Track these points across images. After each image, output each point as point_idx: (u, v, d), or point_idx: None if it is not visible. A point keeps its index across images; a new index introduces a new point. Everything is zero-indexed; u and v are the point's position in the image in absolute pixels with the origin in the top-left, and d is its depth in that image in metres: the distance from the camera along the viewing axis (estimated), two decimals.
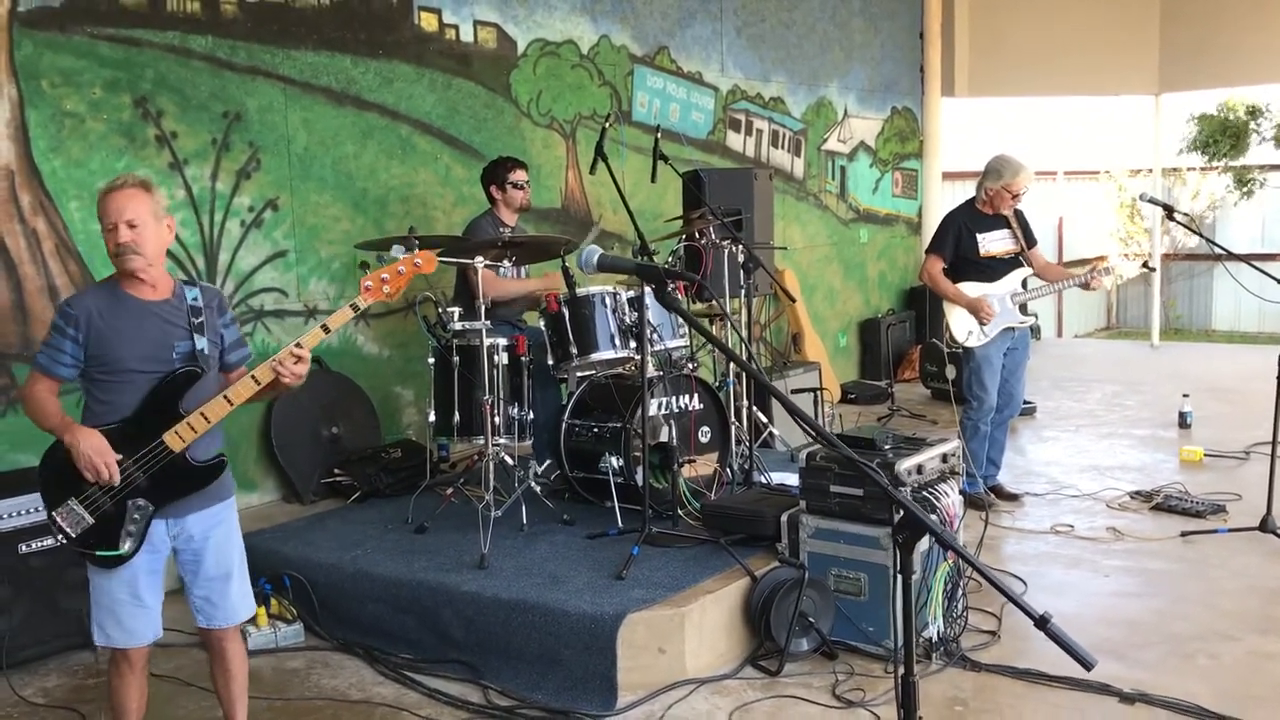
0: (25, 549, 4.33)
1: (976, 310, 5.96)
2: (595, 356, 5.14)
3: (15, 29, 4.73)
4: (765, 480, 5.45)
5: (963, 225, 6.07)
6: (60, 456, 3.13)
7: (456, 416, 5.14)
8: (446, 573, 4.52)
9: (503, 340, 5.14)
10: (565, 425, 5.29)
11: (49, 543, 4.37)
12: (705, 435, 5.34)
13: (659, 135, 5.81)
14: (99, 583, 3.21)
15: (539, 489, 5.19)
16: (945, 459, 4.52)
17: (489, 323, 5.01)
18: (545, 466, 5.44)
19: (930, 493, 4.30)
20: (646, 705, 3.95)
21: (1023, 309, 6.06)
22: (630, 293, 5.18)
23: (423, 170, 6.41)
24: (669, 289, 2.46)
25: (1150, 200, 5.93)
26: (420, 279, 3.68)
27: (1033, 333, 6.42)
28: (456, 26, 6.56)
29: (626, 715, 3.91)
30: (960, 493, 4.54)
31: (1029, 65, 11.14)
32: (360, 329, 6.17)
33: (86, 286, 3.41)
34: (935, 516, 4.27)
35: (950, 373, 7.89)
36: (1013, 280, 6.07)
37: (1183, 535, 5.56)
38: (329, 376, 5.93)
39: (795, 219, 9.42)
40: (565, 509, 5.15)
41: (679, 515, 4.92)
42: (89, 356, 3.15)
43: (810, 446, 5.23)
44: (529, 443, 5.39)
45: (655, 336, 5.08)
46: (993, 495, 6.17)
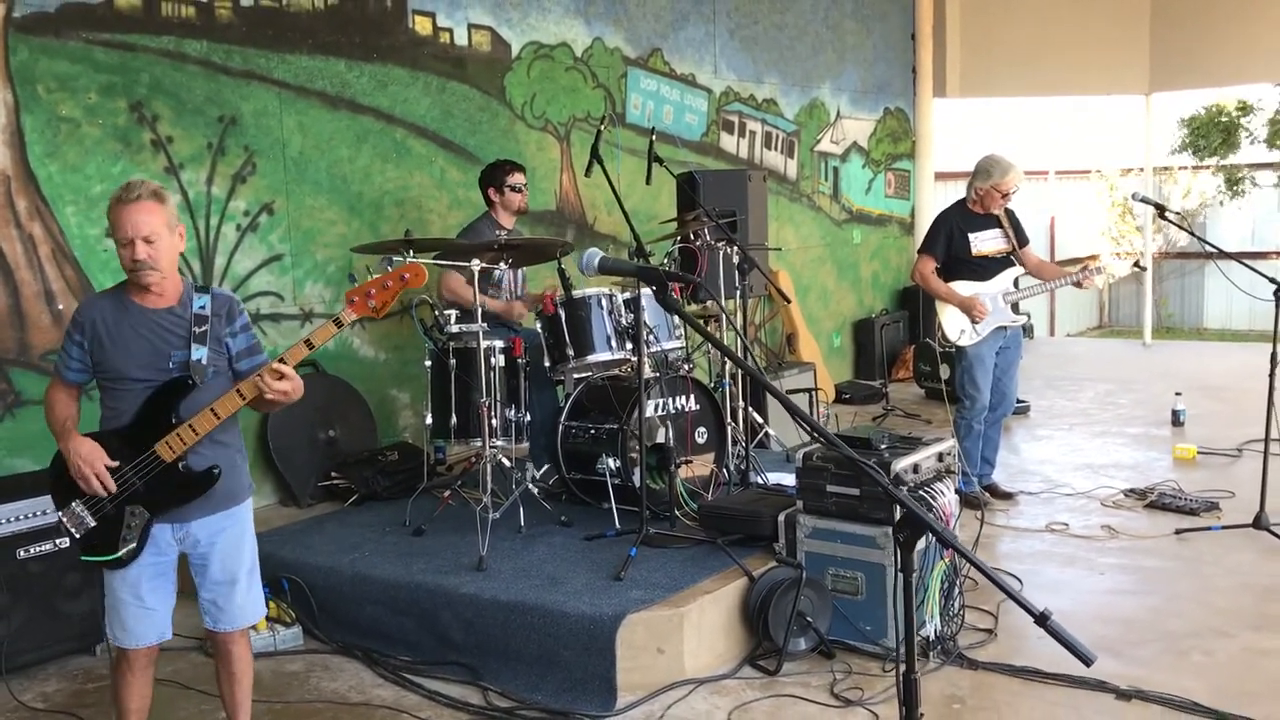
0: (24, 554, 4.33)
1: (968, 309, 5.98)
2: (592, 358, 5.16)
3: (10, 34, 4.74)
4: (761, 480, 5.47)
5: (955, 225, 6.09)
6: (69, 475, 3.18)
7: (453, 419, 5.16)
8: (445, 575, 4.53)
9: (499, 342, 5.15)
10: (562, 427, 5.30)
11: (47, 548, 4.38)
12: (702, 436, 5.36)
13: (654, 137, 5.82)
14: (107, 582, 3.27)
15: (536, 491, 5.20)
16: (941, 458, 4.54)
17: (485, 325, 5.03)
18: (544, 471, 5.45)
19: (927, 492, 4.32)
20: (646, 705, 3.96)
21: (1015, 308, 6.08)
22: (626, 294, 5.20)
23: (418, 173, 6.42)
24: (670, 291, 2.47)
25: (1143, 199, 5.96)
26: None
27: (1025, 332, 6.45)
28: (451, 30, 6.57)
29: (626, 716, 3.92)
30: (956, 492, 4.56)
31: (1020, 65, 11.18)
32: (356, 332, 6.18)
33: (96, 293, 3.41)
34: (932, 515, 4.29)
35: (944, 372, 7.93)
36: (1004, 279, 6.09)
37: (1177, 533, 5.59)
38: (325, 380, 5.94)
39: (789, 220, 9.44)
40: (563, 511, 5.16)
41: (676, 516, 4.94)
42: (94, 363, 3.18)
43: (806, 446, 5.25)
44: (526, 445, 5.40)
45: (651, 338, 5.10)
46: (988, 494, 6.19)
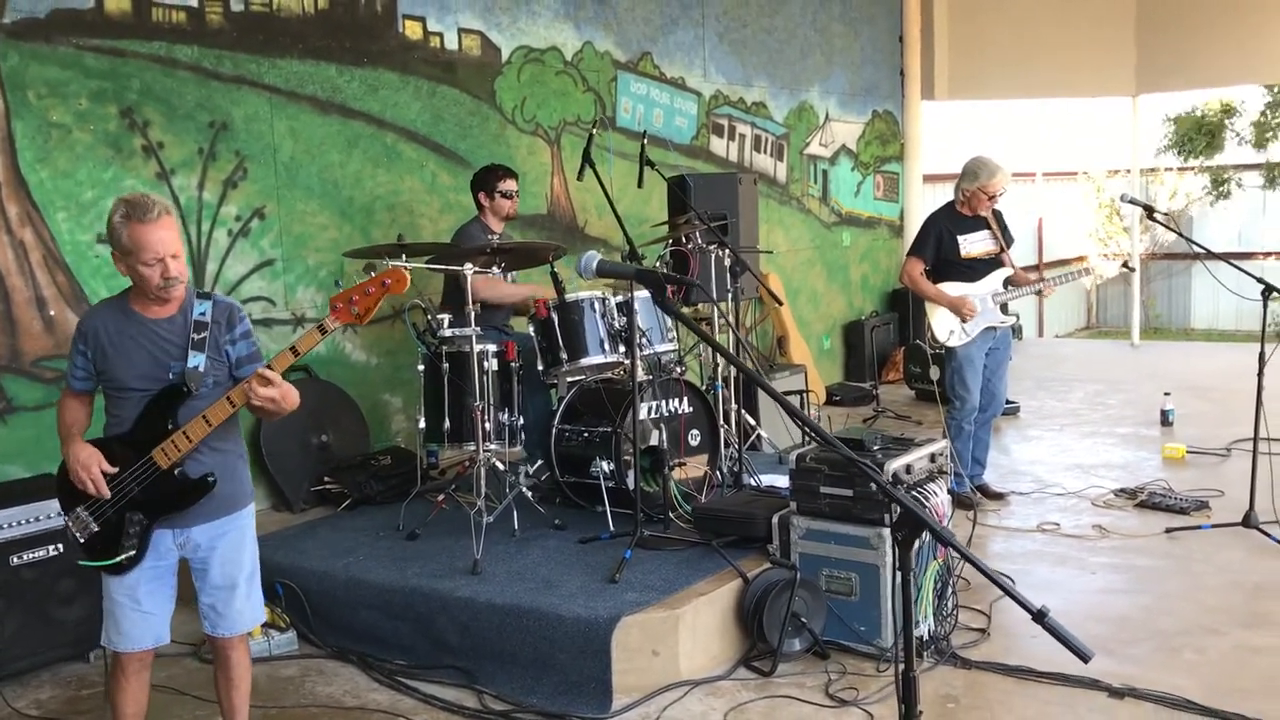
0: (17, 561, 4.31)
1: (958, 310, 6.01)
2: (585, 361, 5.16)
3: (1, 40, 4.73)
4: (755, 482, 5.48)
5: (944, 228, 6.12)
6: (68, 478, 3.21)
7: (447, 423, 5.14)
8: (440, 579, 4.53)
9: (492, 346, 5.15)
10: (555, 430, 5.30)
11: (40, 554, 4.37)
12: (695, 438, 5.37)
13: (645, 141, 5.83)
14: (105, 586, 3.28)
15: (530, 494, 5.20)
16: (933, 459, 4.56)
17: (479, 329, 5.03)
18: (536, 467, 5.45)
19: (920, 492, 4.34)
20: (642, 707, 3.97)
21: (1004, 308, 6.11)
22: (619, 297, 5.21)
23: (408, 178, 6.42)
24: (667, 294, 2.48)
25: (1131, 201, 5.99)
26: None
27: (1014, 333, 6.48)
28: (441, 34, 6.57)
29: (622, 718, 3.93)
30: (949, 492, 4.58)
31: (1008, 68, 11.23)
32: (348, 336, 6.18)
33: (99, 302, 3.42)
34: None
35: (934, 373, 7.96)
36: (993, 280, 6.12)
37: (1167, 532, 5.62)
38: (317, 384, 5.93)
39: (779, 223, 9.47)
40: (557, 514, 5.17)
41: (670, 518, 4.95)
42: (98, 371, 3.21)
43: (798, 448, 5.26)
44: (519, 448, 5.40)
45: (644, 341, 5.11)
46: (979, 494, 6.22)
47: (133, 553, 3.18)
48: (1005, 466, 7.03)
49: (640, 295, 5.04)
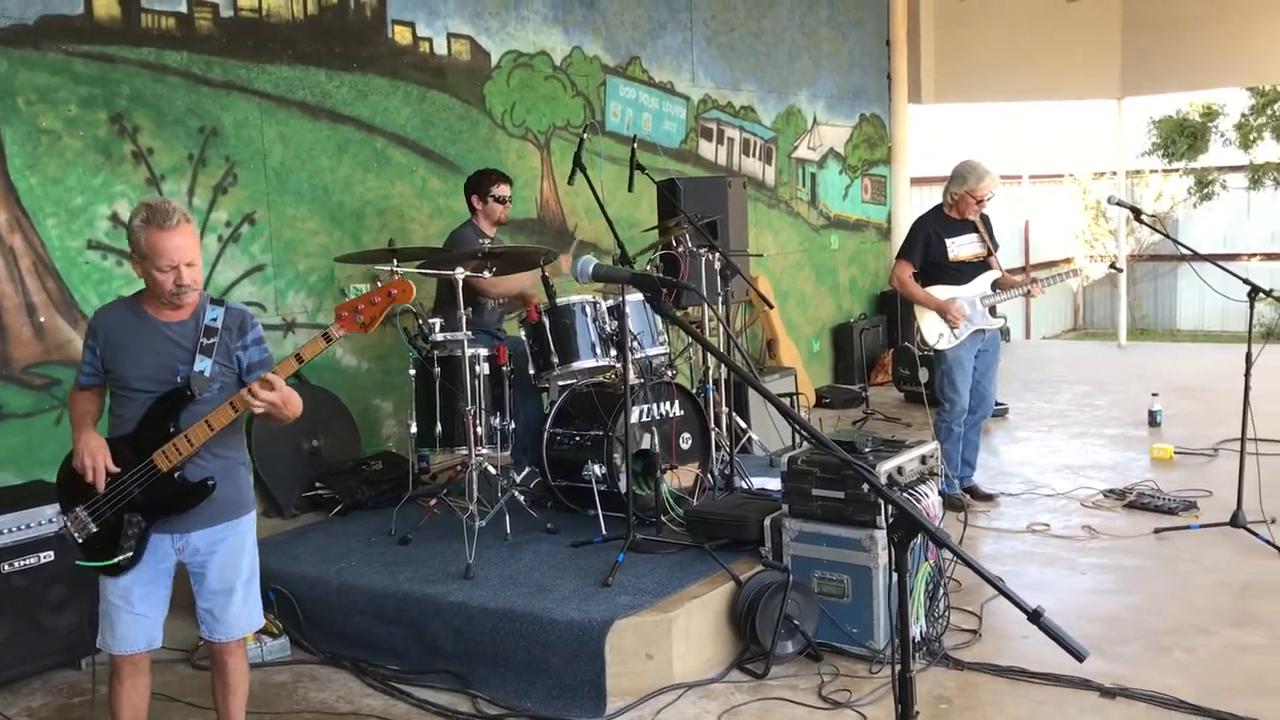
0: (8, 568, 4.30)
1: (946, 313, 6.04)
2: (577, 365, 5.18)
3: None
4: (746, 485, 5.49)
5: (932, 231, 6.14)
6: (72, 465, 3.21)
7: (438, 427, 5.15)
8: (432, 584, 4.53)
9: (484, 350, 5.15)
10: (547, 434, 5.31)
11: (31, 562, 4.35)
12: (686, 442, 5.38)
13: (635, 145, 5.85)
14: (101, 587, 3.28)
15: (522, 498, 5.21)
16: (924, 460, 4.58)
17: (470, 333, 5.04)
18: (525, 474, 5.46)
19: (911, 494, 4.36)
20: (635, 711, 3.98)
21: (992, 311, 6.14)
22: (610, 301, 5.22)
23: (399, 183, 6.42)
24: (663, 297, 2.49)
25: (1118, 203, 6.03)
26: None
27: (1002, 334, 6.52)
28: (430, 39, 6.58)
29: None
30: (939, 494, 4.60)
31: (994, 71, 11.28)
32: (339, 342, 6.15)
33: (113, 301, 3.45)
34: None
35: (923, 376, 7.98)
36: (981, 283, 6.14)
37: (1156, 532, 5.65)
38: (308, 390, 5.91)
39: (767, 226, 9.49)
40: (549, 518, 5.17)
41: (662, 522, 4.96)
42: (105, 369, 3.24)
43: (789, 451, 5.28)
44: (509, 453, 5.40)
45: (635, 344, 5.12)
46: (969, 496, 6.24)
47: (130, 554, 3.19)
48: (994, 468, 7.06)
49: (631, 299, 5.05)
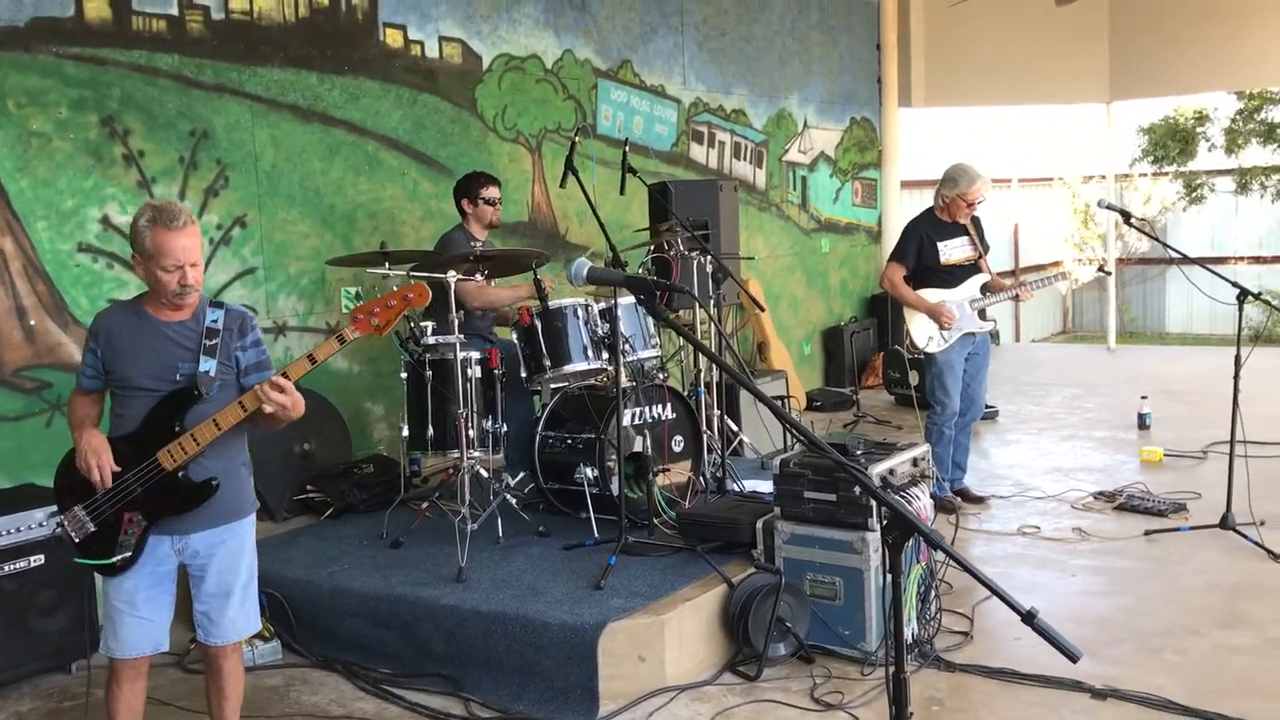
0: None
1: (937, 316, 6.06)
2: (569, 368, 5.18)
3: None
4: (738, 488, 5.50)
5: (924, 234, 6.16)
6: (72, 464, 3.22)
7: (430, 430, 5.15)
8: (425, 587, 4.52)
9: (476, 353, 5.15)
10: (539, 437, 5.31)
11: (21, 565, 4.34)
12: (678, 444, 5.38)
13: (627, 148, 5.86)
14: (105, 591, 3.30)
15: (514, 501, 5.21)
16: (915, 463, 4.59)
17: (462, 336, 5.03)
18: (519, 480, 5.45)
19: (903, 496, 4.37)
20: (628, 713, 3.98)
21: (982, 314, 6.16)
22: (602, 304, 5.22)
23: (390, 186, 6.42)
24: (658, 300, 2.50)
25: (1108, 206, 6.05)
26: None
27: (992, 338, 6.54)
28: (422, 42, 6.58)
29: None
30: (931, 496, 4.62)
31: (984, 75, 11.32)
32: None
33: (114, 303, 3.46)
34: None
35: (913, 378, 8.00)
36: (972, 286, 6.16)
37: (1146, 534, 5.67)
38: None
39: (758, 229, 9.51)
40: (541, 521, 5.17)
41: (654, 524, 4.96)
42: (106, 370, 3.25)
43: (780, 453, 5.29)
44: (501, 457, 5.40)
45: (628, 347, 5.12)
46: (959, 499, 6.25)
47: (128, 554, 3.19)
48: (985, 470, 7.08)
49: (623, 302, 5.06)
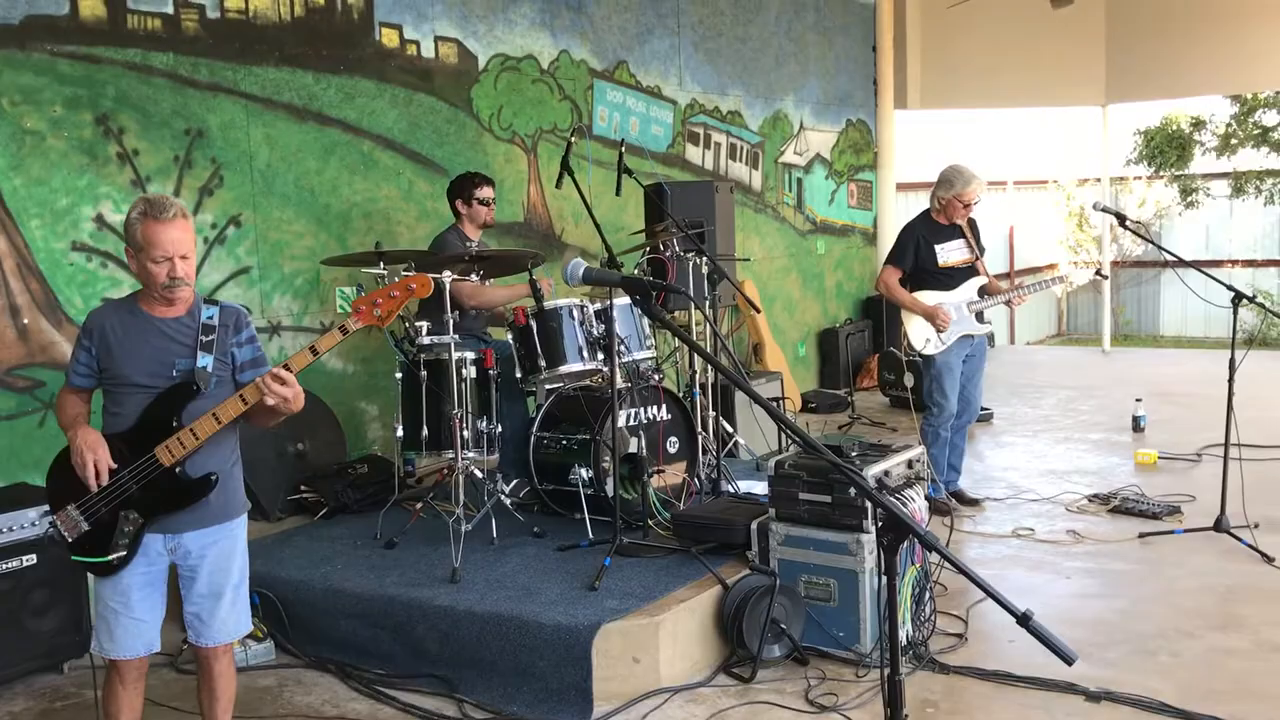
0: None
1: (934, 318, 6.06)
2: (564, 369, 5.17)
3: None
4: (733, 489, 5.50)
5: (921, 237, 6.16)
6: (65, 463, 3.19)
7: (424, 431, 5.14)
8: (419, 587, 4.51)
9: (470, 354, 5.15)
10: (534, 438, 5.30)
11: (14, 565, 4.32)
12: (673, 446, 5.38)
13: (623, 149, 5.85)
14: (97, 591, 3.26)
15: (509, 502, 5.20)
16: (910, 465, 4.59)
17: (457, 336, 5.02)
18: (514, 485, 5.44)
19: (899, 498, 4.37)
20: (622, 715, 3.97)
21: (979, 317, 6.16)
22: (597, 305, 5.22)
23: (385, 185, 6.41)
24: (654, 300, 2.49)
25: (1103, 209, 6.06)
26: None
27: (988, 340, 6.54)
28: (417, 42, 6.57)
29: None
30: (926, 498, 4.61)
31: (979, 78, 11.33)
32: None
33: (107, 301, 3.45)
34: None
35: (908, 380, 8.01)
36: (969, 289, 6.17)
37: (1140, 537, 5.67)
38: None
39: (754, 230, 9.51)
40: (535, 522, 5.17)
41: (649, 526, 4.95)
42: (100, 368, 3.23)
43: (775, 455, 5.28)
44: (496, 457, 5.39)
45: (623, 348, 5.12)
46: (954, 500, 6.25)
47: (124, 553, 3.17)
48: (979, 473, 7.08)
49: (619, 302, 5.05)
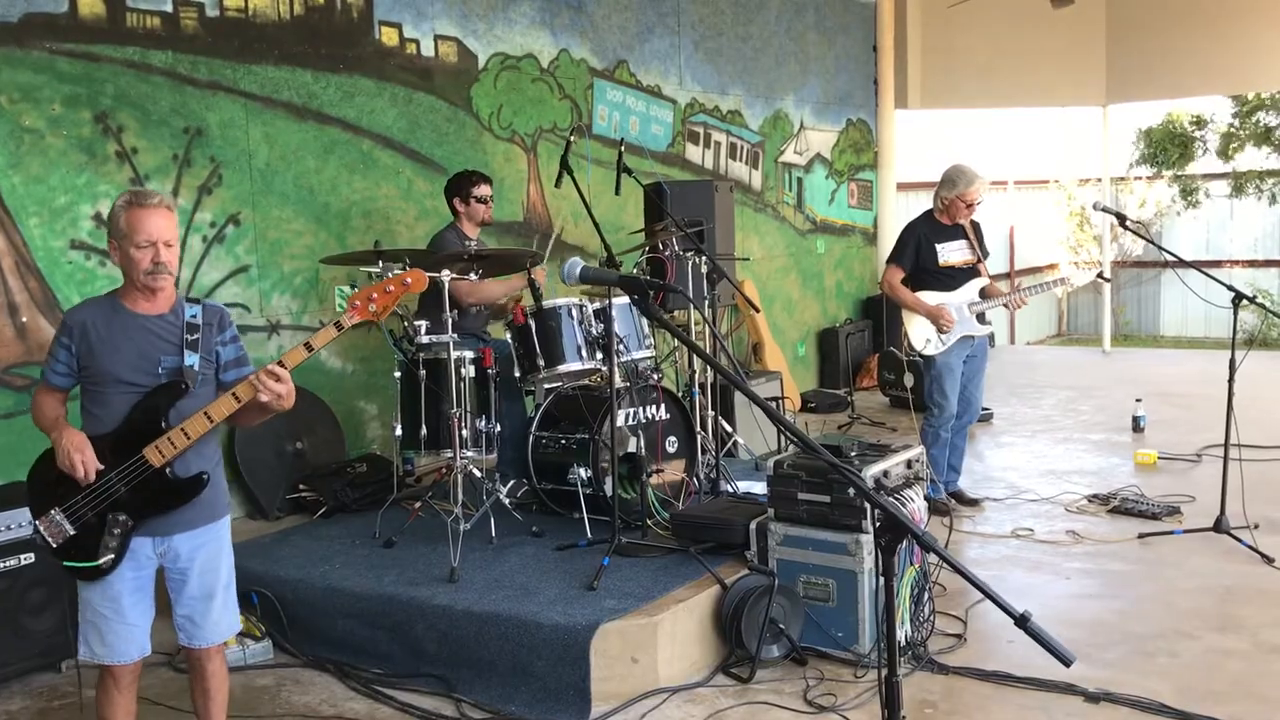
0: None
1: (935, 318, 6.05)
2: (562, 368, 5.17)
3: None
4: (731, 489, 5.49)
5: (923, 236, 6.15)
6: (48, 465, 3.15)
7: (423, 430, 5.13)
8: (417, 587, 4.51)
9: (469, 353, 5.14)
10: (532, 437, 5.30)
11: (11, 564, 4.31)
12: (672, 445, 5.37)
13: (622, 148, 5.84)
14: (85, 596, 3.21)
15: (507, 502, 5.19)
16: (910, 465, 4.58)
17: (455, 335, 5.02)
18: (510, 486, 5.43)
19: (898, 498, 4.36)
20: (620, 715, 3.96)
21: (980, 318, 6.15)
22: (596, 304, 5.21)
23: (384, 184, 6.40)
24: (652, 300, 2.48)
25: (1104, 209, 6.05)
26: None
27: (989, 340, 6.53)
28: (417, 41, 6.56)
29: None
30: (925, 498, 4.61)
31: (980, 77, 11.32)
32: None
33: (87, 299, 3.42)
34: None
35: (908, 380, 7.99)
36: (970, 289, 6.16)
37: (1140, 537, 5.67)
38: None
39: (754, 230, 9.50)
40: (534, 521, 5.16)
41: (648, 525, 4.94)
42: (81, 367, 3.18)
43: (774, 455, 5.28)
44: (494, 457, 5.38)
45: (621, 347, 5.11)
46: (954, 501, 6.25)
47: (112, 556, 3.13)
48: (979, 473, 7.08)
49: (618, 302, 5.04)
